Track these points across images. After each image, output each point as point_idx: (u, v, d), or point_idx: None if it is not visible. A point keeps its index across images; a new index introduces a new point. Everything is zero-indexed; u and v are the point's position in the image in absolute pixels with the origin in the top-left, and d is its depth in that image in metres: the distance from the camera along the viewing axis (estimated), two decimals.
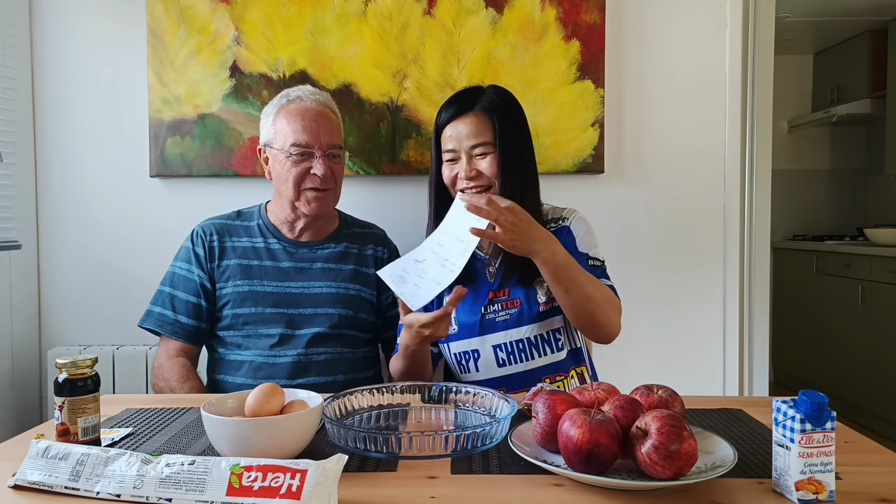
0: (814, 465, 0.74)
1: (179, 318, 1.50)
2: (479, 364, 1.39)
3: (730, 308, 2.05)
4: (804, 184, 4.42)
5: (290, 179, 1.47)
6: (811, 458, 0.74)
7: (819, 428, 0.74)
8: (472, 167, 1.35)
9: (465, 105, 1.37)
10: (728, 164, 2.03)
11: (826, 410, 0.75)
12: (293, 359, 1.45)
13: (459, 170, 1.36)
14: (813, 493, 0.74)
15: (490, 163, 1.35)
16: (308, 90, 1.54)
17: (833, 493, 0.75)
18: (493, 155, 1.35)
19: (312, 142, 1.47)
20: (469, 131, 1.35)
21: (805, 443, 0.74)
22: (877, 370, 3.36)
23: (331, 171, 1.48)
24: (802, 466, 0.74)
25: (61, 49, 2.01)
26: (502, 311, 1.39)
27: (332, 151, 1.49)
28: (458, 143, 1.36)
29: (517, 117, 1.40)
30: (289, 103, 1.51)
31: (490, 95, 1.38)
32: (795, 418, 0.75)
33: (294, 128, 1.47)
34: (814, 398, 0.75)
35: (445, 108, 1.40)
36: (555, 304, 1.37)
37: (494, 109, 1.36)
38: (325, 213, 1.55)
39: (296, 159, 1.47)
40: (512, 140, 1.36)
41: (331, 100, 1.58)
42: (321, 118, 1.49)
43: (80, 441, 0.91)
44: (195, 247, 1.54)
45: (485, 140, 1.35)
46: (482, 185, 1.36)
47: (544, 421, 0.87)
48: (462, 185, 1.36)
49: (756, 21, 2.08)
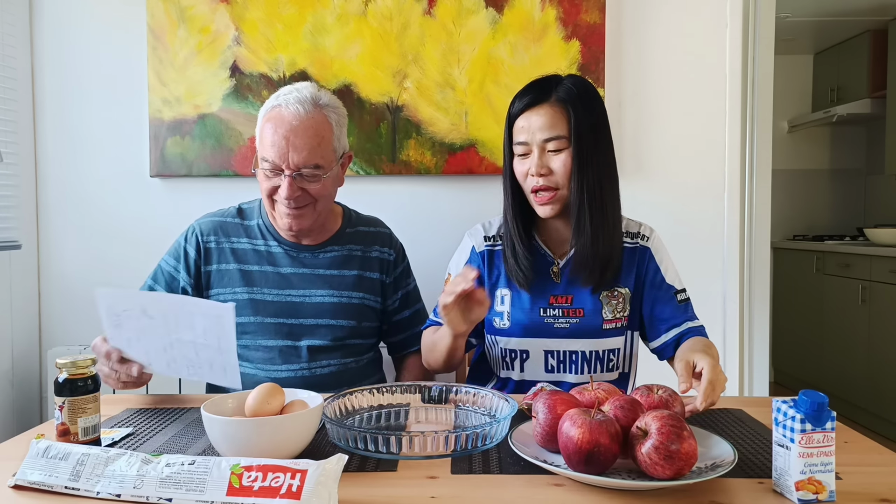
0: (814, 465, 0.74)
1: None
2: (526, 365, 1.34)
3: (730, 308, 2.05)
4: (804, 184, 4.42)
5: (264, 193, 1.38)
6: (811, 458, 0.74)
7: (819, 428, 0.74)
8: (544, 163, 1.25)
9: (541, 94, 1.26)
10: (728, 164, 2.03)
11: (826, 410, 0.75)
12: (297, 374, 1.39)
13: (531, 165, 1.25)
14: (813, 493, 0.74)
15: (564, 160, 1.24)
16: (293, 95, 1.35)
17: (833, 493, 0.75)
18: (567, 151, 1.24)
19: (279, 161, 1.32)
20: (543, 123, 1.24)
21: (805, 443, 0.74)
22: (877, 370, 3.36)
23: (303, 190, 1.34)
24: (802, 466, 0.74)
25: (61, 49, 2.01)
26: (562, 317, 1.31)
27: (306, 171, 1.33)
28: (531, 135, 1.25)
29: (598, 112, 1.28)
30: (271, 109, 1.36)
31: (568, 85, 1.26)
32: (795, 418, 0.74)
33: (265, 142, 1.34)
34: (814, 398, 0.75)
35: (519, 97, 1.29)
36: (620, 323, 1.31)
37: (572, 101, 1.24)
38: (309, 226, 1.41)
39: (266, 174, 1.35)
40: (589, 136, 1.24)
41: (327, 101, 1.38)
42: (296, 133, 1.31)
43: (81, 441, 0.91)
44: (187, 244, 1.45)
45: (559, 133, 1.24)
46: (552, 186, 1.26)
47: (544, 421, 0.87)
48: (532, 184, 1.26)
49: (756, 21, 2.09)
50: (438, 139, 1.97)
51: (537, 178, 1.25)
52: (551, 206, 1.27)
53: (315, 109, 1.35)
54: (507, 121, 1.31)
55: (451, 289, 1.12)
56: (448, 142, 1.97)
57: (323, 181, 1.36)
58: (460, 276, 1.13)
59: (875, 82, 3.87)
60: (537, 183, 1.26)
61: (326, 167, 1.36)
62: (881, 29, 3.82)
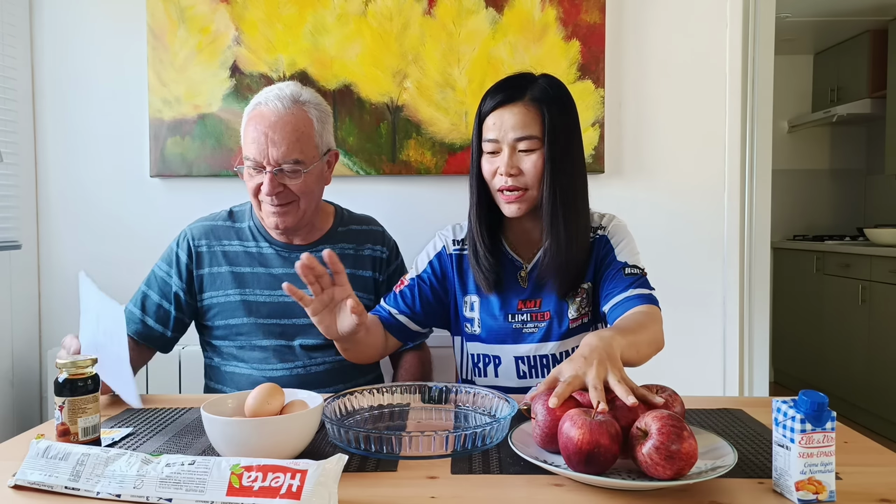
0: (814, 465, 0.74)
1: (146, 318, 1.43)
2: (500, 370, 1.32)
3: (730, 308, 2.05)
4: (804, 184, 4.42)
5: (250, 192, 1.39)
6: (811, 458, 0.74)
7: (819, 428, 0.74)
8: (514, 163, 1.21)
9: (514, 93, 1.22)
10: (728, 164, 2.03)
11: (826, 410, 0.75)
12: (293, 372, 1.41)
13: (500, 164, 1.21)
14: (813, 493, 0.74)
15: (535, 162, 1.20)
16: (274, 93, 1.37)
17: (833, 493, 0.75)
18: (539, 152, 1.21)
19: (259, 157, 1.34)
20: (515, 122, 1.20)
21: (805, 443, 0.74)
22: (877, 370, 3.36)
23: (285, 186, 1.35)
24: (802, 466, 0.74)
25: (61, 49, 2.01)
26: (531, 322, 1.29)
27: (287, 167, 1.34)
28: (502, 133, 1.21)
29: (572, 114, 1.25)
30: (254, 108, 1.38)
31: (542, 85, 1.23)
32: (795, 418, 0.74)
33: (247, 140, 1.36)
34: (814, 398, 0.75)
35: (491, 94, 1.24)
36: (584, 320, 1.29)
37: (546, 101, 1.21)
38: (295, 224, 1.41)
39: (250, 172, 1.37)
40: (563, 138, 1.21)
41: (308, 98, 1.39)
42: (276, 128, 1.33)
43: (80, 441, 0.90)
44: (179, 249, 1.46)
45: (532, 133, 1.20)
46: (521, 186, 1.22)
47: (544, 422, 0.87)
48: (501, 183, 1.22)
49: (756, 21, 2.09)
50: (438, 139, 1.97)
51: (506, 177, 1.22)
52: (518, 206, 1.23)
53: (294, 106, 1.36)
54: (477, 118, 1.26)
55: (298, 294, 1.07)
56: (448, 142, 1.97)
57: (304, 177, 1.36)
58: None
59: (875, 82, 3.87)
60: (505, 183, 1.22)
61: (307, 162, 1.36)
62: (881, 29, 3.83)
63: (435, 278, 1.36)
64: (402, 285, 1.36)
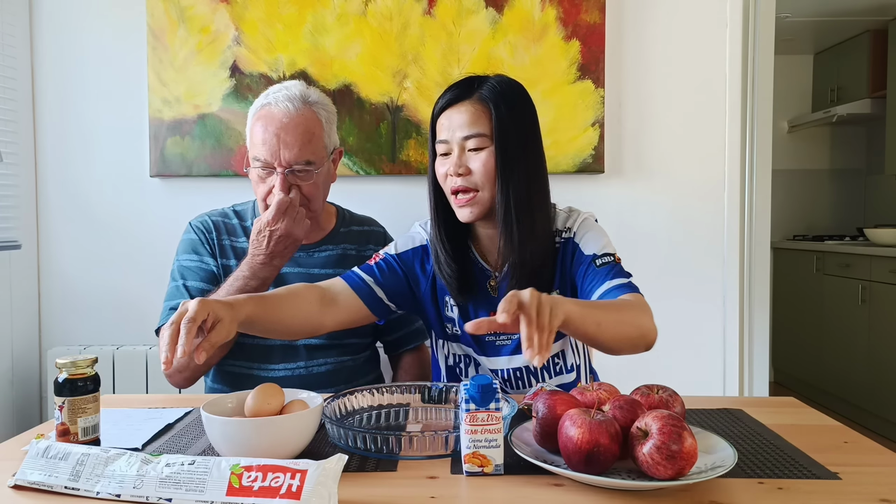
0: (478, 441, 0.83)
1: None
2: (480, 371, 1.30)
3: (730, 308, 2.05)
4: (804, 184, 4.42)
5: (259, 196, 1.38)
6: (476, 434, 0.83)
7: (483, 408, 0.83)
8: (463, 162, 1.16)
9: (463, 92, 1.19)
10: (728, 164, 2.03)
11: (491, 391, 0.83)
12: (295, 372, 1.41)
13: (450, 165, 1.18)
14: (478, 465, 0.83)
15: (484, 161, 1.16)
16: (283, 93, 1.36)
17: (500, 466, 0.83)
18: (489, 150, 1.16)
19: (271, 159, 1.32)
20: (463, 120, 1.16)
21: (470, 421, 0.82)
22: (877, 370, 3.36)
23: (296, 188, 1.34)
24: (468, 442, 0.83)
25: (61, 49, 2.01)
26: (503, 334, 1.23)
27: (298, 168, 1.33)
28: (451, 133, 1.17)
29: (523, 110, 1.21)
30: (262, 108, 1.36)
31: (492, 84, 1.19)
32: (464, 399, 0.83)
33: (255, 140, 1.34)
34: (480, 381, 0.83)
35: (442, 95, 1.22)
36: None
37: (494, 98, 1.17)
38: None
39: (260, 174, 1.35)
40: (514, 135, 1.17)
41: (316, 98, 1.39)
42: (287, 129, 1.32)
43: (80, 441, 0.90)
44: (199, 236, 1.44)
45: (479, 131, 1.16)
46: (471, 187, 1.17)
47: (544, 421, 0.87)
48: (452, 185, 1.18)
49: (756, 21, 2.09)
50: None
51: (455, 178, 1.17)
52: (470, 209, 1.18)
53: (305, 107, 1.35)
54: (431, 121, 1.23)
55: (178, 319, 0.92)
56: None
57: (315, 177, 1.36)
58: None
59: (875, 82, 3.87)
60: (455, 184, 1.17)
61: (318, 163, 1.36)
62: (881, 29, 3.82)
63: (406, 265, 1.31)
64: (378, 258, 1.30)
